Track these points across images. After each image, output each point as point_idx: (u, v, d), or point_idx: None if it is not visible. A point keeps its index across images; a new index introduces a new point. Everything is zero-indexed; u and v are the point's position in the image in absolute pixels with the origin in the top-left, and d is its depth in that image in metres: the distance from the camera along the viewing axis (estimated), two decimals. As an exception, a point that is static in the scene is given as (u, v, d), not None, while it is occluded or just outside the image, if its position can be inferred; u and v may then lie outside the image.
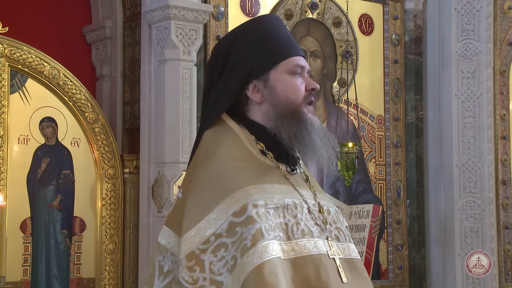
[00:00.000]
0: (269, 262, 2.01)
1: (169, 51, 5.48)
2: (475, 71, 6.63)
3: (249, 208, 2.07)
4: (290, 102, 2.22)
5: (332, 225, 2.25)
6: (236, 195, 2.10)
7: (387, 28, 6.75)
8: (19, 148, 5.43)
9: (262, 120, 2.24)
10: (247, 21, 2.36)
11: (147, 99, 5.63)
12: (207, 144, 2.25)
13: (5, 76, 5.36)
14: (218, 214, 2.09)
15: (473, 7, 6.65)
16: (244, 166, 2.18)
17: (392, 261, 6.61)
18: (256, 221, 2.05)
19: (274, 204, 2.12)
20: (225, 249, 2.05)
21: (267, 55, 2.24)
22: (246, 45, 2.26)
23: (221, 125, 2.26)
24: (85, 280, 5.60)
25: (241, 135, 2.23)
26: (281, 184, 2.19)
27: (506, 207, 6.71)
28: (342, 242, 2.24)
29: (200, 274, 2.05)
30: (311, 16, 6.29)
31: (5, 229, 5.04)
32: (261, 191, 2.12)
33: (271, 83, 2.23)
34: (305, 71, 2.28)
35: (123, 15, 6.12)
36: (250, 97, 2.24)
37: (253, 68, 2.23)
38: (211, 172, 2.17)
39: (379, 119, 6.65)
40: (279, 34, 2.29)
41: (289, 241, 2.10)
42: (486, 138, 6.60)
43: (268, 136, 2.22)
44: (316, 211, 2.23)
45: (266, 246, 2.02)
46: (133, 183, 5.76)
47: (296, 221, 2.14)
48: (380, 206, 6.57)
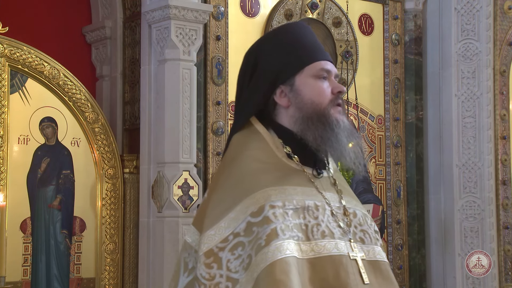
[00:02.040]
0: (282, 261, 2.05)
1: (169, 51, 5.48)
2: (475, 71, 6.63)
3: (266, 208, 2.13)
4: (316, 105, 2.27)
5: (357, 228, 2.28)
6: (255, 196, 2.16)
7: (387, 28, 6.75)
8: (19, 148, 5.43)
9: (289, 124, 2.29)
10: (276, 28, 2.48)
11: (147, 99, 5.63)
12: (234, 147, 2.32)
13: (5, 76, 5.36)
14: (237, 214, 2.15)
15: (473, 7, 6.65)
16: (267, 168, 2.24)
17: (392, 261, 6.61)
18: (272, 221, 2.11)
19: (294, 205, 2.17)
20: (242, 247, 2.11)
21: (292, 61, 2.30)
22: (273, 51, 2.33)
23: (250, 128, 2.32)
24: (85, 280, 5.60)
25: (268, 139, 2.29)
26: (304, 187, 2.23)
27: (506, 207, 6.71)
28: (367, 244, 2.27)
29: (217, 271, 2.10)
30: (311, 16, 6.29)
31: (5, 229, 5.04)
32: (280, 193, 2.17)
33: (297, 87, 2.28)
34: (332, 75, 2.32)
35: (123, 15, 6.12)
36: (277, 101, 2.30)
37: (279, 73, 2.29)
38: (234, 174, 2.24)
39: (379, 119, 6.65)
40: (305, 40, 2.35)
41: (308, 241, 2.14)
42: (486, 138, 6.60)
43: (295, 140, 2.27)
44: (341, 213, 2.27)
45: (280, 246, 2.07)
46: (133, 183, 5.76)
47: (316, 222, 2.19)
48: (380, 206, 6.57)
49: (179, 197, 5.42)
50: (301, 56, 2.31)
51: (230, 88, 5.83)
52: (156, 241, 5.48)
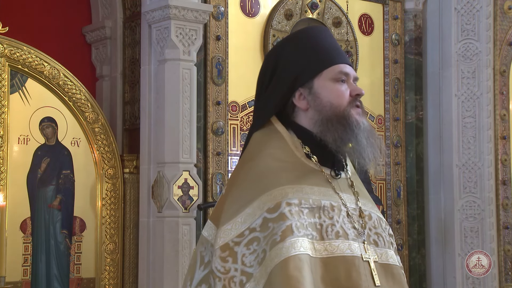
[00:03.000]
0: (295, 257, 2.09)
1: (169, 51, 5.48)
2: (475, 71, 6.63)
3: (283, 205, 2.16)
4: (334, 108, 2.30)
5: (372, 230, 2.31)
6: (273, 193, 2.20)
7: (387, 28, 6.75)
8: (19, 148, 5.43)
9: (309, 126, 2.33)
10: (296, 31, 2.52)
11: (147, 99, 5.63)
12: (254, 145, 2.36)
13: (5, 76, 5.36)
14: (253, 210, 2.19)
15: (473, 7, 6.65)
16: (285, 167, 2.27)
17: (392, 261, 6.60)
18: (287, 218, 2.14)
19: (310, 204, 2.20)
20: (257, 243, 2.15)
21: (311, 64, 2.34)
22: (292, 54, 2.37)
23: (269, 128, 2.36)
24: (85, 280, 5.61)
25: (287, 138, 2.33)
26: (321, 187, 2.27)
27: (506, 207, 6.71)
28: (381, 248, 2.30)
29: (232, 265, 2.15)
30: (311, 16, 6.29)
31: (5, 229, 5.04)
32: (297, 191, 2.21)
33: (315, 90, 2.32)
34: (351, 78, 2.35)
35: (123, 15, 6.12)
36: (296, 104, 2.34)
37: (298, 76, 2.33)
38: (252, 171, 2.28)
39: (379, 119, 6.65)
40: (324, 43, 2.38)
41: (322, 241, 2.18)
42: (486, 138, 6.60)
43: (314, 141, 2.31)
44: (356, 215, 2.30)
45: (294, 242, 2.11)
46: (133, 183, 5.76)
47: (331, 222, 2.22)
48: (380, 206, 6.57)
49: (179, 197, 5.42)
50: (320, 60, 2.35)
51: (230, 88, 5.83)
52: (156, 241, 5.48)
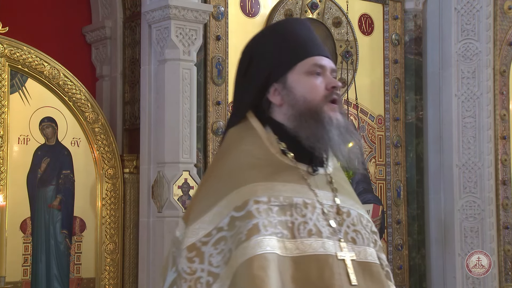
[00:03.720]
0: (260, 256, 2.03)
1: (169, 51, 5.48)
2: (475, 71, 6.63)
3: (250, 203, 2.10)
4: (308, 102, 2.22)
5: (350, 227, 2.24)
6: (241, 190, 2.14)
7: (387, 28, 6.75)
8: (19, 148, 5.43)
9: (284, 121, 2.26)
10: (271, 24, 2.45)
11: (147, 99, 5.63)
12: (228, 142, 2.31)
13: (5, 76, 5.36)
14: (222, 208, 2.13)
15: (473, 7, 6.65)
16: (258, 164, 2.22)
17: (392, 261, 6.61)
18: (254, 217, 2.08)
19: (280, 202, 2.14)
20: (224, 242, 2.09)
21: (285, 58, 2.27)
22: (266, 48, 2.30)
23: (245, 124, 2.30)
24: (85, 280, 5.61)
25: (262, 135, 2.26)
26: (295, 183, 2.20)
27: (506, 207, 6.71)
28: (359, 245, 2.22)
29: (198, 265, 2.09)
30: (311, 16, 6.29)
31: (5, 229, 5.04)
32: (268, 188, 2.15)
33: (289, 84, 2.24)
34: (327, 70, 2.27)
35: (123, 15, 6.12)
36: (270, 99, 2.27)
37: (272, 71, 2.26)
38: (224, 168, 2.23)
39: (379, 119, 6.65)
40: (299, 36, 2.30)
41: (294, 239, 2.11)
42: (486, 138, 6.60)
43: (290, 137, 2.24)
44: (333, 212, 2.23)
45: (260, 241, 2.05)
46: (133, 183, 5.76)
47: (304, 220, 2.15)
48: (380, 206, 6.57)
49: (179, 197, 5.42)
50: (293, 53, 2.26)
51: (230, 88, 5.83)
52: (156, 241, 5.48)
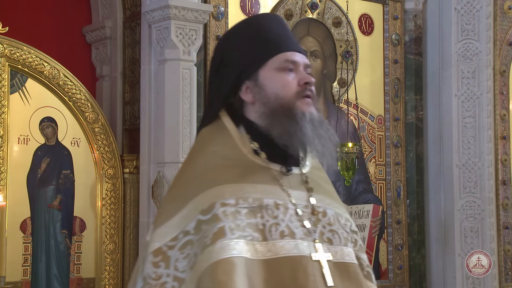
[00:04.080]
0: (225, 260, 1.97)
1: (169, 51, 5.48)
2: (475, 71, 6.63)
3: (217, 206, 2.05)
4: (280, 99, 2.16)
5: (326, 228, 2.17)
6: (208, 193, 2.08)
7: (387, 28, 6.75)
8: (19, 148, 5.43)
9: (257, 120, 2.20)
10: (241, 20, 2.34)
11: (147, 99, 5.63)
12: (199, 143, 2.25)
13: (5, 76, 5.36)
14: (189, 211, 2.07)
15: (473, 7, 6.65)
16: (227, 165, 2.15)
17: (392, 261, 6.61)
18: (220, 220, 2.03)
19: (249, 204, 2.08)
20: (191, 246, 2.04)
21: (255, 54, 2.20)
22: (237, 45, 2.23)
23: (217, 123, 2.23)
24: (85, 280, 5.61)
25: (234, 134, 2.20)
26: (266, 184, 2.13)
27: (506, 207, 6.71)
28: (335, 245, 2.16)
29: (164, 270, 2.04)
30: (311, 16, 6.29)
31: (5, 229, 5.04)
32: (236, 190, 2.08)
33: (260, 82, 2.18)
34: (300, 66, 2.20)
35: (123, 15, 6.12)
36: (242, 98, 2.21)
37: (243, 68, 2.20)
38: (192, 170, 2.17)
39: (379, 119, 6.65)
40: (270, 32, 2.23)
41: (265, 241, 2.05)
42: (486, 138, 6.59)
43: (263, 136, 2.18)
44: (308, 212, 2.16)
45: (226, 245, 1.99)
46: (133, 183, 5.76)
47: (275, 221, 2.08)
48: (380, 206, 6.57)
49: (179, 197, 5.41)
50: (264, 49, 2.20)
51: (230, 88, 5.82)
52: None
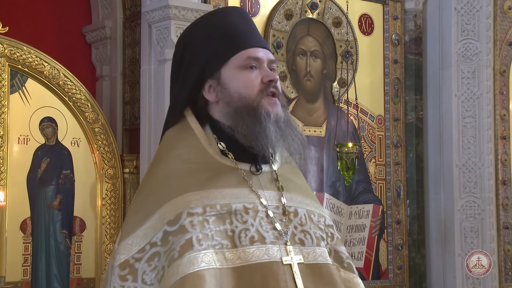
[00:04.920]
0: (194, 274, 1.91)
1: (169, 51, 5.48)
2: (475, 71, 6.63)
3: (183, 216, 1.98)
4: (243, 98, 2.08)
5: (298, 228, 2.10)
6: (174, 202, 2.00)
7: (387, 28, 6.75)
8: (19, 148, 5.43)
9: (221, 119, 2.12)
10: (202, 15, 2.25)
11: (147, 99, 5.63)
12: (163, 146, 2.17)
13: (5, 76, 5.36)
14: (155, 222, 2.00)
15: (473, 7, 6.64)
16: (193, 169, 2.07)
17: (392, 261, 6.61)
18: (188, 231, 1.96)
19: (217, 211, 2.00)
20: (158, 258, 1.98)
21: (217, 52, 2.11)
22: (197, 42, 2.15)
23: (182, 124, 2.15)
24: (85, 280, 5.60)
25: (200, 135, 2.13)
26: (234, 188, 2.06)
27: (506, 207, 6.71)
28: (307, 246, 2.09)
29: (131, 283, 1.98)
30: (311, 16, 6.29)
31: (5, 229, 5.04)
32: (203, 198, 2.01)
33: (223, 80, 2.10)
34: (264, 63, 2.12)
35: (123, 15, 6.12)
36: (205, 97, 2.13)
37: (204, 66, 2.12)
38: (156, 177, 2.09)
39: (379, 119, 6.65)
40: (232, 27, 2.14)
41: (235, 248, 1.99)
42: (486, 138, 6.59)
43: (230, 135, 2.10)
44: (279, 213, 2.09)
45: (194, 258, 1.93)
46: (133, 183, 5.76)
47: (245, 227, 2.02)
48: (380, 206, 6.57)
49: (179, 197, 5.42)
50: (225, 46, 2.11)
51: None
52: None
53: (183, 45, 2.18)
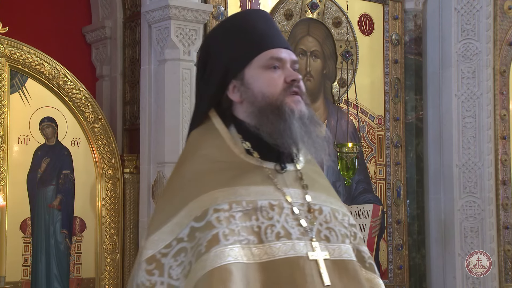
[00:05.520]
0: (221, 268, 1.95)
1: (169, 51, 5.48)
2: (475, 71, 6.63)
3: (210, 212, 2.03)
4: (266, 97, 2.13)
5: (323, 225, 2.14)
6: (201, 199, 2.06)
7: (387, 28, 6.75)
8: (19, 148, 5.43)
9: (246, 119, 2.17)
10: (227, 17, 2.32)
11: (147, 99, 5.63)
12: (189, 146, 2.22)
13: (5, 76, 5.36)
14: (181, 219, 2.05)
15: (473, 7, 6.65)
16: (219, 168, 2.12)
17: (392, 261, 6.61)
18: (214, 226, 2.00)
19: (243, 207, 2.05)
20: (184, 254, 2.02)
21: (240, 53, 2.17)
22: (221, 44, 2.20)
23: (207, 124, 2.21)
24: (85, 280, 5.60)
25: (225, 135, 2.18)
26: (259, 185, 2.11)
27: (506, 207, 6.71)
28: (333, 243, 2.13)
29: (158, 278, 2.02)
30: (311, 16, 6.29)
31: (5, 229, 5.04)
32: (229, 194, 2.06)
33: (246, 81, 2.16)
34: (287, 63, 2.18)
35: (123, 15, 6.12)
36: (230, 97, 2.18)
37: (229, 67, 2.17)
38: (183, 176, 2.14)
39: (379, 119, 6.65)
40: (255, 28, 2.20)
41: (261, 244, 2.03)
42: (486, 138, 6.60)
43: (255, 135, 2.15)
44: (304, 210, 2.13)
45: (220, 252, 1.97)
46: (133, 183, 5.76)
47: (270, 223, 2.06)
48: (380, 206, 6.57)
49: (179, 197, 5.42)
50: (249, 47, 2.17)
51: (230, 88, 5.82)
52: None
53: (207, 47, 2.24)
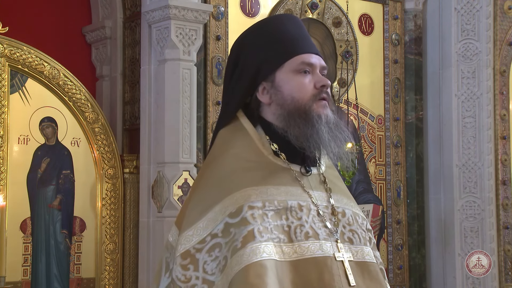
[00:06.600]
0: (257, 264, 2.00)
1: (169, 51, 5.48)
2: (475, 71, 6.63)
3: (245, 209, 2.07)
4: (296, 101, 2.19)
5: (346, 228, 2.22)
6: (235, 196, 2.10)
7: (387, 28, 6.75)
8: (19, 148, 5.43)
9: (274, 121, 2.22)
10: (259, 20, 2.37)
11: (147, 99, 5.63)
12: (218, 144, 2.27)
13: (5, 76, 5.36)
14: (215, 214, 2.09)
15: (473, 7, 6.65)
16: (250, 167, 2.18)
17: (392, 261, 6.61)
18: (249, 223, 2.05)
19: (275, 206, 2.11)
20: (219, 249, 2.06)
21: (272, 56, 2.22)
22: (253, 46, 2.26)
23: (235, 124, 2.26)
24: (85, 280, 5.60)
25: (254, 136, 2.23)
26: (288, 186, 2.17)
27: (506, 207, 6.71)
28: (356, 245, 2.21)
29: (193, 273, 2.06)
30: (311, 16, 6.29)
31: (5, 229, 5.04)
32: (261, 193, 2.11)
33: (277, 83, 2.21)
34: (316, 69, 2.23)
35: (123, 15, 6.12)
36: (259, 98, 2.23)
37: (260, 69, 2.22)
38: (215, 173, 2.19)
39: (379, 119, 6.65)
40: (288, 33, 2.26)
41: (291, 243, 2.08)
42: (486, 138, 6.60)
43: (281, 137, 2.20)
44: (329, 213, 2.20)
45: (256, 248, 2.02)
46: (133, 183, 5.76)
47: (300, 223, 2.12)
48: (380, 206, 6.57)
49: (179, 197, 5.42)
50: (281, 51, 2.23)
51: (230, 88, 5.82)
52: (156, 241, 5.48)
53: (238, 49, 2.29)
